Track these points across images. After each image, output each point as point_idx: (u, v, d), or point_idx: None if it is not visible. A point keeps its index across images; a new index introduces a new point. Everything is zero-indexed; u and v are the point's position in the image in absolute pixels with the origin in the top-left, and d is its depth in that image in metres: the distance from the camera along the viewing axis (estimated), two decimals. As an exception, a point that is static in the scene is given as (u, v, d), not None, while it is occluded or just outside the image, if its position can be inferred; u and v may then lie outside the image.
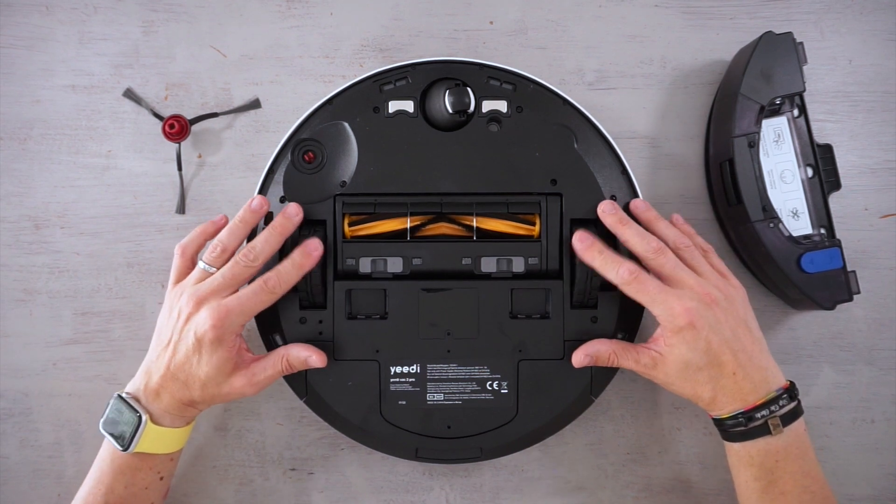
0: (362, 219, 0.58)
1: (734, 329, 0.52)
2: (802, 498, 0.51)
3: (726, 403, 0.52)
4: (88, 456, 0.61)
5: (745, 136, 0.56)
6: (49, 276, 0.62)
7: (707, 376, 0.52)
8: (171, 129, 0.60)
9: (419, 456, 0.57)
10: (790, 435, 0.51)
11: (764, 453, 0.51)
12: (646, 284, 0.53)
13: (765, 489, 0.51)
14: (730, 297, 0.54)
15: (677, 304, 0.52)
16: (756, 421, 0.51)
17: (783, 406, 0.51)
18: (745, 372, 0.52)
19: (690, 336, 0.51)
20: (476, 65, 0.58)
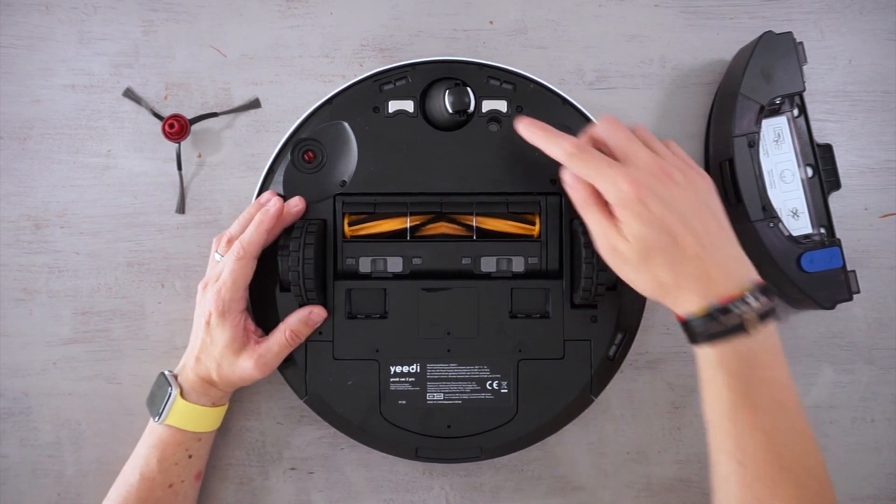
0: (362, 218, 0.58)
1: (694, 210, 0.48)
2: (776, 411, 0.46)
3: (693, 294, 0.47)
4: (88, 455, 0.61)
5: (744, 136, 0.57)
6: (49, 275, 0.62)
7: (666, 259, 0.47)
8: (171, 129, 0.60)
9: (419, 455, 0.57)
10: (766, 337, 0.46)
11: (737, 356, 0.46)
12: (591, 157, 0.49)
13: (737, 400, 0.46)
14: (690, 178, 0.49)
15: (623, 175, 0.47)
16: (731, 316, 0.46)
17: (759, 302, 0.46)
18: (713, 258, 0.47)
19: (640, 210, 0.47)
20: (476, 65, 0.58)
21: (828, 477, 0.46)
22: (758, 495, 0.45)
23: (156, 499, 0.54)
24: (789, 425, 0.46)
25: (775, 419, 0.46)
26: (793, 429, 0.46)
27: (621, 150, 0.50)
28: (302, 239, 0.54)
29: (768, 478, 0.45)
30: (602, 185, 0.49)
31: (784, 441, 0.45)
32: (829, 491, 0.46)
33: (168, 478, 0.55)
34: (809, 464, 0.45)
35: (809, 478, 0.45)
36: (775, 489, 0.44)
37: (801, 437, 0.46)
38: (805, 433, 0.46)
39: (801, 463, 0.45)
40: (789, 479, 0.45)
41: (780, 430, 0.45)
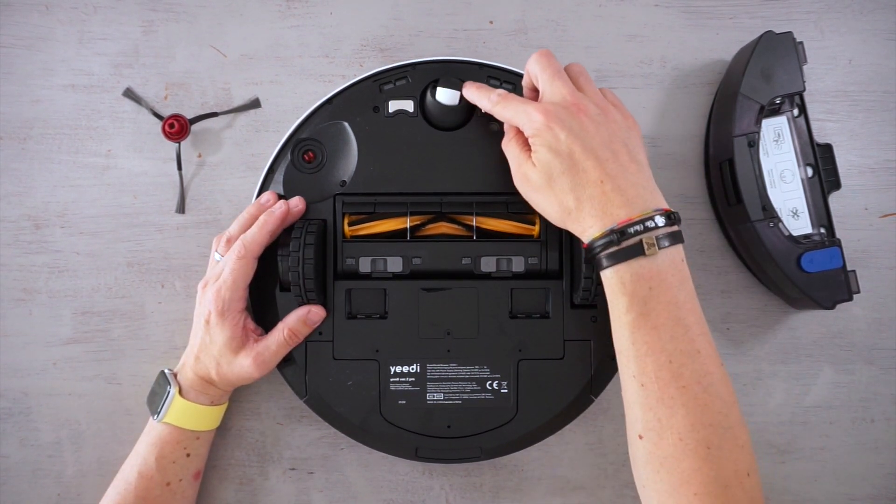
0: (362, 218, 0.58)
1: (607, 141, 0.49)
2: (675, 331, 0.46)
3: (594, 217, 0.48)
4: (88, 455, 0.61)
5: (745, 136, 0.56)
6: (49, 275, 0.62)
7: (569, 182, 0.48)
8: (171, 129, 0.60)
9: (419, 455, 0.57)
10: (666, 259, 0.47)
11: (637, 278, 0.47)
12: (511, 100, 0.52)
13: (636, 322, 0.47)
14: (608, 113, 0.50)
15: (536, 107, 0.50)
16: (628, 238, 0.47)
17: (660, 226, 0.47)
18: (616, 183, 0.48)
19: (548, 136, 0.49)
20: (476, 65, 0.58)
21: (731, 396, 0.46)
22: (658, 415, 0.46)
23: (153, 497, 0.54)
24: (689, 346, 0.46)
25: (675, 339, 0.46)
26: (693, 349, 0.46)
27: (543, 83, 0.51)
28: (302, 239, 0.54)
29: (667, 396, 0.45)
30: (520, 121, 0.51)
31: (683, 361, 0.45)
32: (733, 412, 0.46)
33: (166, 476, 0.55)
34: (707, 382, 0.45)
35: (708, 396, 0.45)
36: (674, 408, 0.45)
37: (702, 357, 0.46)
38: (706, 353, 0.46)
39: (700, 382, 0.45)
40: (687, 397, 0.45)
41: (679, 350, 0.46)
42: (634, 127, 0.52)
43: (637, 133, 0.52)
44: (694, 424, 0.44)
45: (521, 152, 0.52)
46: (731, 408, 0.46)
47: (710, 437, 0.44)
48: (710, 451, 0.44)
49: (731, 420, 0.45)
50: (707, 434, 0.44)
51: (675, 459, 0.45)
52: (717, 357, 0.47)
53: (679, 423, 0.45)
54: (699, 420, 0.44)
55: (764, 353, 0.61)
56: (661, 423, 0.45)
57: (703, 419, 0.44)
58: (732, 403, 0.46)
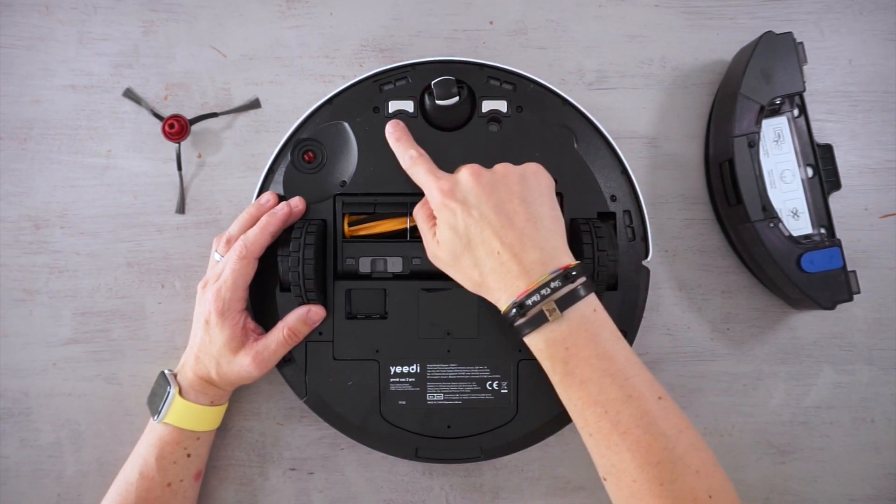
0: (362, 218, 0.58)
1: (502, 204, 0.49)
2: (602, 382, 0.46)
3: (500, 290, 0.49)
4: (88, 456, 0.61)
5: (745, 136, 0.56)
6: (49, 276, 0.62)
7: (471, 259, 0.49)
8: (171, 129, 0.60)
9: (419, 456, 0.57)
10: (574, 319, 0.47)
11: (550, 342, 0.48)
12: (420, 167, 0.53)
13: (563, 380, 0.48)
14: (505, 171, 0.51)
15: (435, 183, 0.51)
16: (530, 309, 0.47)
17: (556, 289, 0.47)
18: (512, 251, 0.48)
19: (447, 214, 0.50)
20: (476, 65, 0.58)
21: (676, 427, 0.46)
22: (611, 461, 0.46)
23: (154, 498, 0.54)
24: (619, 393, 0.46)
25: (604, 390, 0.47)
26: (624, 395, 0.46)
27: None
28: (302, 239, 0.54)
29: (612, 444, 0.46)
30: (426, 192, 0.52)
31: (618, 408, 0.46)
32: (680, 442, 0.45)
33: (166, 477, 0.55)
34: (646, 423, 0.46)
35: (650, 436, 0.45)
36: (620, 453, 0.46)
37: (635, 400, 0.46)
38: (638, 395, 0.46)
39: (638, 425, 0.46)
40: (630, 441, 0.45)
41: (611, 399, 0.46)
42: (535, 175, 0.51)
43: (538, 179, 0.51)
44: (642, 465, 0.45)
45: (428, 228, 0.53)
46: (678, 439, 0.46)
47: (661, 473, 0.45)
48: (663, 486, 0.45)
49: (678, 451, 0.45)
50: (657, 472, 0.45)
51: (636, 498, 0.45)
52: (655, 392, 0.47)
53: (628, 466, 0.45)
54: (646, 460, 0.45)
55: (764, 354, 0.61)
56: (616, 468, 0.46)
57: (650, 458, 0.45)
58: (678, 434, 0.46)
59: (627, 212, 0.58)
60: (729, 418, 0.61)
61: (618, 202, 0.57)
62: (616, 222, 0.57)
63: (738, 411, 0.61)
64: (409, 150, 0.55)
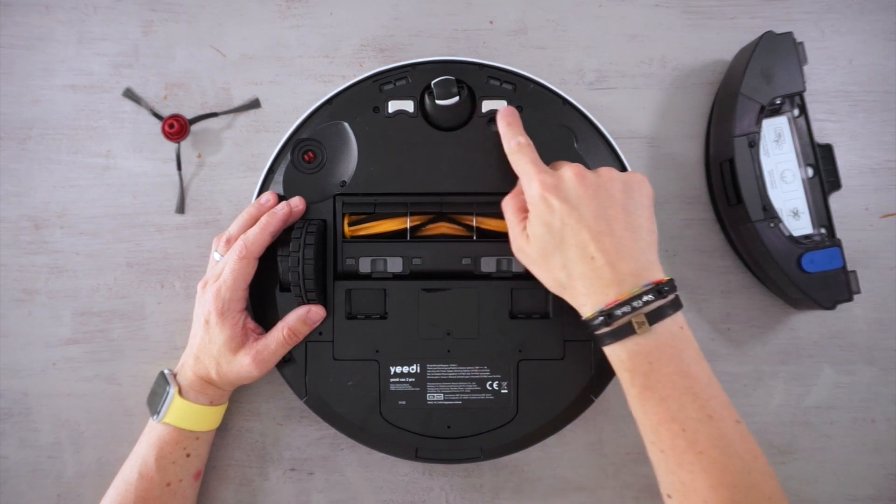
0: (362, 219, 0.58)
1: (603, 209, 0.48)
2: (683, 400, 0.46)
3: (587, 295, 0.48)
4: (88, 456, 0.61)
5: (745, 136, 0.56)
6: (49, 276, 0.62)
7: (561, 259, 0.49)
8: (171, 129, 0.60)
9: (419, 456, 0.57)
10: (662, 334, 0.47)
11: (634, 355, 0.47)
12: (524, 156, 0.52)
13: (641, 394, 0.47)
14: (610, 176, 0.50)
15: (537, 175, 0.50)
16: (618, 319, 0.47)
17: (648, 303, 0.47)
18: (608, 258, 0.47)
19: (543, 209, 0.49)
20: (476, 65, 0.58)
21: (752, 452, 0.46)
22: (681, 479, 0.46)
23: (153, 498, 0.54)
24: (700, 413, 0.46)
25: (684, 408, 0.46)
26: (704, 416, 0.46)
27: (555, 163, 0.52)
28: (302, 239, 0.54)
29: (686, 462, 0.46)
30: (523, 182, 0.51)
31: (696, 427, 0.46)
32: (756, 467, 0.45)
33: (166, 476, 0.55)
34: (724, 445, 0.45)
35: (727, 458, 0.45)
36: (694, 472, 0.45)
37: (715, 421, 0.46)
38: (719, 417, 0.46)
39: (717, 446, 0.45)
40: (706, 462, 0.45)
41: (690, 418, 0.46)
42: (638, 185, 0.51)
43: (641, 189, 0.51)
44: (715, 486, 0.45)
45: (516, 219, 0.52)
46: (754, 464, 0.46)
47: (735, 496, 0.44)
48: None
49: (753, 477, 0.45)
50: (731, 494, 0.44)
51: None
52: (732, 415, 0.47)
53: (701, 486, 0.45)
54: (720, 482, 0.45)
55: (764, 354, 0.61)
56: (686, 486, 0.46)
57: (724, 480, 0.45)
58: (755, 459, 0.46)
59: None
60: (729, 418, 0.61)
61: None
62: (616, 222, 0.57)
63: (738, 411, 0.61)
64: (518, 137, 0.53)
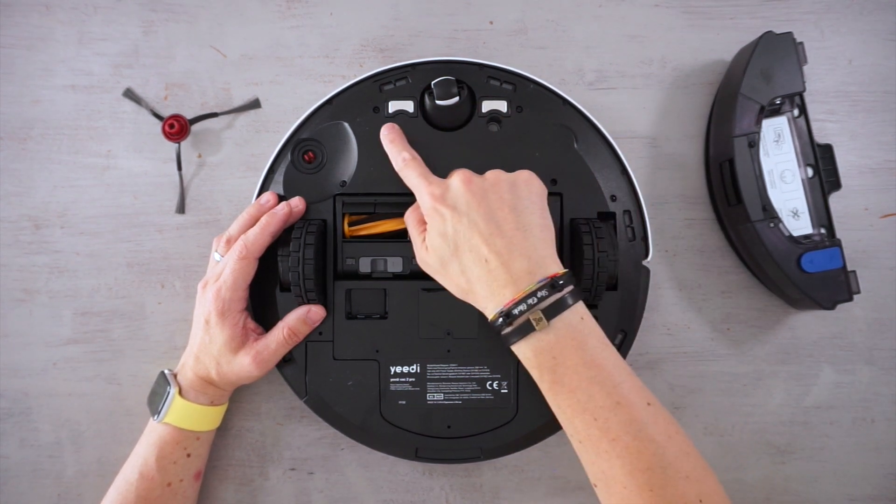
0: (362, 218, 0.58)
1: (492, 212, 0.49)
2: (591, 390, 0.46)
3: (487, 298, 0.49)
4: (88, 456, 0.61)
5: (745, 136, 0.56)
6: (49, 276, 0.62)
7: (458, 265, 0.49)
8: (171, 129, 0.60)
9: (419, 456, 0.57)
10: (561, 328, 0.47)
11: (538, 351, 0.48)
12: (412, 171, 0.53)
13: (551, 389, 0.48)
14: (496, 178, 0.51)
15: (426, 187, 0.51)
16: (517, 318, 0.47)
17: (543, 298, 0.47)
18: (501, 259, 0.48)
19: (436, 220, 0.50)
20: (476, 65, 0.58)
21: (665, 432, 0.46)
22: (601, 468, 0.47)
23: (154, 498, 0.54)
24: (608, 401, 0.46)
25: (593, 398, 0.46)
26: (612, 403, 0.46)
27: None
28: (302, 239, 0.54)
29: (602, 450, 0.46)
30: (416, 196, 0.53)
31: (606, 416, 0.46)
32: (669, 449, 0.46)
33: (166, 476, 0.55)
34: (635, 430, 0.46)
35: (639, 442, 0.45)
36: (610, 460, 0.46)
37: (623, 407, 0.46)
38: (627, 402, 0.46)
39: (628, 432, 0.46)
40: (619, 448, 0.46)
41: (599, 407, 0.46)
42: (526, 183, 0.51)
43: (529, 188, 0.51)
44: (631, 472, 0.45)
45: (419, 233, 0.53)
46: (667, 445, 0.46)
47: (650, 479, 0.45)
48: (653, 492, 0.45)
49: (668, 458, 0.45)
50: (647, 478, 0.45)
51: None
52: (643, 399, 0.47)
53: (618, 472, 0.45)
54: (635, 467, 0.45)
55: (764, 354, 0.61)
56: (605, 474, 0.46)
57: (639, 465, 0.45)
58: (668, 439, 0.46)
59: (627, 212, 0.58)
60: (729, 418, 0.61)
61: (618, 202, 0.57)
62: (616, 222, 0.57)
63: (738, 411, 0.61)
64: (403, 153, 0.55)
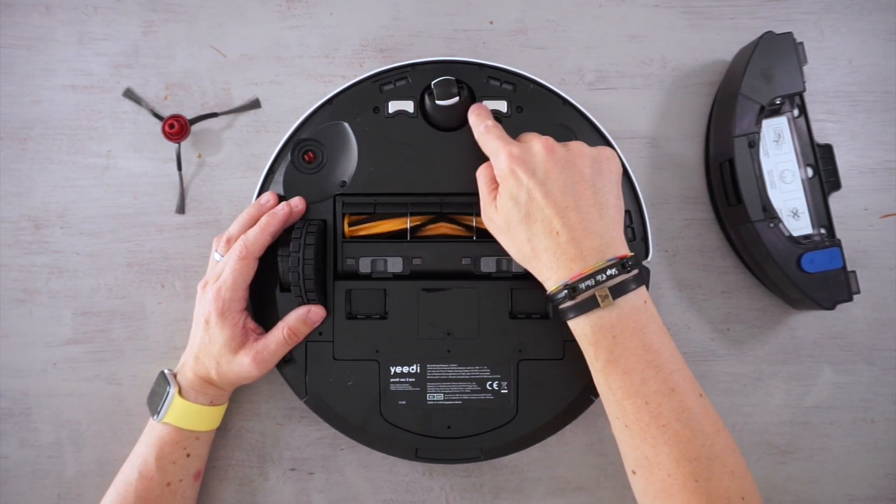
0: (362, 219, 0.58)
1: (571, 185, 0.49)
2: (646, 374, 0.46)
3: (551, 269, 0.48)
4: (88, 456, 0.61)
5: (745, 136, 0.56)
6: (49, 276, 0.62)
7: (526, 232, 0.49)
8: (171, 129, 0.60)
9: (419, 456, 0.57)
10: (625, 308, 0.47)
11: (597, 328, 0.48)
12: (492, 134, 0.52)
13: (605, 368, 0.48)
14: (580, 151, 0.50)
15: (505, 150, 0.50)
16: (581, 293, 0.47)
17: (611, 277, 0.47)
18: (573, 234, 0.48)
19: (511, 182, 0.49)
20: (476, 65, 0.58)
21: (714, 426, 0.46)
22: (645, 453, 0.46)
23: (154, 498, 0.54)
24: (663, 386, 0.46)
25: (647, 382, 0.46)
26: (667, 389, 0.46)
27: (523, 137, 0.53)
28: (302, 239, 0.54)
29: (649, 436, 0.46)
30: (492, 160, 0.52)
31: (659, 401, 0.46)
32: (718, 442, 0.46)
33: (166, 476, 0.55)
34: (686, 418, 0.46)
35: (689, 431, 0.45)
36: (657, 446, 0.46)
37: (678, 394, 0.46)
38: (681, 390, 0.46)
39: (679, 419, 0.46)
40: (669, 435, 0.45)
41: (653, 391, 0.46)
42: (608, 161, 0.51)
43: (610, 166, 0.51)
44: (678, 460, 0.45)
45: (489, 192, 0.52)
46: (716, 438, 0.46)
47: (697, 470, 0.45)
48: (698, 483, 0.44)
49: (716, 450, 0.45)
50: (693, 468, 0.45)
51: (667, 493, 0.45)
52: (695, 389, 0.47)
53: (664, 459, 0.45)
54: (683, 455, 0.45)
55: (764, 354, 0.61)
56: (649, 461, 0.46)
57: (687, 454, 0.45)
58: (716, 433, 0.46)
59: (627, 212, 0.58)
60: (729, 418, 0.61)
61: (618, 202, 0.57)
62: (616, 222, 0.57)
63: (738, 411, 0.61)
64: (486, 121, 0.54)
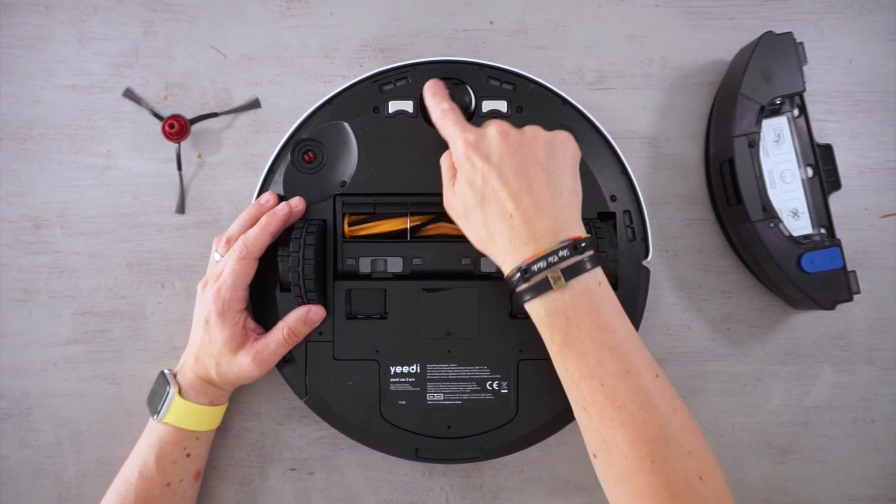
0: (362, 219, 0.58)
1: (524, 167, 0.49)
2: (601, 355, 0.46)
3: (506, 252, 0.48)
4: (88, 456, 0.61)
5: (745, 136, 0.56)
6: (49, 276, 0.62)
7: (481, 216, 0.49)
8: (171, 129, 0.60)
9: (419, 456, 0.57)
10: (579, 290, 0.47)
11: (552, 311, 0.47)
12: (449, 119, 0.53)
13: (561, 350, 0.47)
14: (534, 135, 0.50)
15: (460, 135, 0.51)
16: (535, 275, 0.47)
17: (564, 258, 0.47)
18: (525, 216, 0.48)
19: (467, 168, 0.50)
20: (476, 65, 0.58)
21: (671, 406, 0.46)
22: (603, 436, 0.46)
23: (154, 497, 0.54)
24: (618, 367, 0.46)
25: (602, 363, 0.46)
26: (622, 370, 0.46)
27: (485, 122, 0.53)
28: (302, 239, 0.54)
29: (606, 418, 0.46)
30: (450, 146, 0.52)
31: (615, 382, 0.46)
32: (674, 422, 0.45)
33: (166, 476, 0.55)
34: (642, 399, 0.45)
35: (645, 412, 0.45)
36: (614, 428, 0.45)
37: (633, 375, 0.46)
38: (636, 371, 0.46)
39: (634, 400, 0.45)
40: (624, 416, 0.45)
41: (608, 373, 0.46)
42: (562, 144, 0.51)
43: (565, 149, 0.51)
44: (635, 441, 0.45)
45: (449, 178, 0.52)
46: (672, 418, 0.46)
47: (653, 450, 0.45)
48: (654, 464, 0.44)
49: (672, 431, 0.45)
50: (649, 448, 0.45)
51: (626, 476, 0.45)
52: (652, 370, 0.47)
53: (621, 441, 0.45)
54: (639, 436, 0.45)
55: (764, 354, 0.61)
56: (607, 443, 0.46)
57: (643, 435, 0.45)
58: (673, 412, 0.46)
59: (627, 212, 0.58)
60: (729, 418, 0.61)
61: (618, 202, 0.57)
62: (616, 222, 0.57)
63: (738, 411, 0.61)
64: (442, 104, 0.54)
